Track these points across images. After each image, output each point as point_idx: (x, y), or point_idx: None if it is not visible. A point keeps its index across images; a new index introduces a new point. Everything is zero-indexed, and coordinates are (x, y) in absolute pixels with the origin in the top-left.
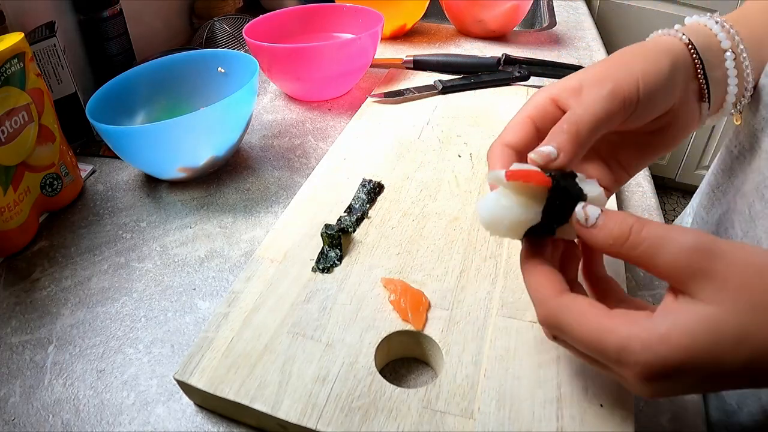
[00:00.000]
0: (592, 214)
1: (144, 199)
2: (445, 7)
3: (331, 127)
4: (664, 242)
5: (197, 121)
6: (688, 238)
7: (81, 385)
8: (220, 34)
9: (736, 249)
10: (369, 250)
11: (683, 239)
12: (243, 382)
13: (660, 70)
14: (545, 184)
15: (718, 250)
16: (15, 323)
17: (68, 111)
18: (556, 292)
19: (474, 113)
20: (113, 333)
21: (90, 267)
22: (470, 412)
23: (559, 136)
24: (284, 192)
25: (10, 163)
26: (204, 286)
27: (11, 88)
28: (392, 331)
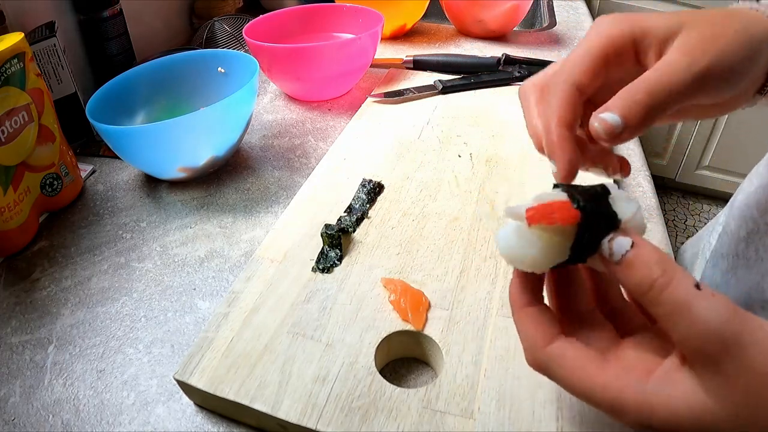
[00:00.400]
0: (618, 251)
1: (144, 199)
2: (445, 7)
3: (331, 127)
4: (682, 316)
5: (197, 121)
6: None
7: (81, 385)
8: (220, 34)
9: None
10: (369, 250)
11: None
12: (243, 382)
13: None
14: (574, 221)
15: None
16: (15, 323)
17: (68, 111)
18: (545, 341)
19: (474, 113)
20: (113, 333)
21: (90, 267)
22: (470, 412)
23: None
24: (284, 192)
25: (10, 163)
26: (204, 286)
27: (11, 88)
28: (392, 331)
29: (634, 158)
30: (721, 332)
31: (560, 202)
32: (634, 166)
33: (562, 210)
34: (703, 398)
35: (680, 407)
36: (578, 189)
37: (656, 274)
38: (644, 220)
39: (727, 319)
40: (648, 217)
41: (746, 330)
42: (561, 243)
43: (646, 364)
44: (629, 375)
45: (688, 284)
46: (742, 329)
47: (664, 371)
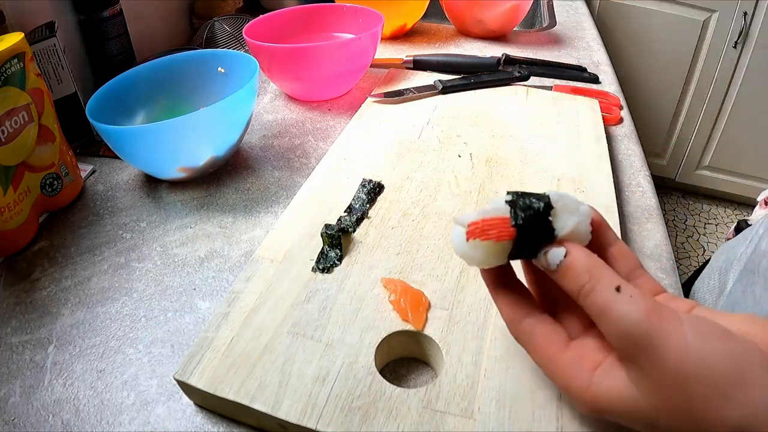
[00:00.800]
0: (553, 261)
1: (144, 199)
2: (445, 7)
3: (331, 127)
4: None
5: (197, 121)
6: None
7: (81, 385)
8: (220, 34)
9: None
10: (369, 250)
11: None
12: (243, 382)
13: None
14: (509, 238)
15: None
16: (15, 323)
17: (68, 111)
18: (519, 317)
19: (474, 113)
20: (113, 333)
21: (90, 267)
22: (470, 412)
23: None
24: (284, 192)
25: (10, 163)
26: (204, 286)
27: (11, 88)
28: (392, 331)
29: (634, 158)
30: (633, 333)
31: (500, 219)
32: (634, 166)
33: (500, 227)
34: (630, 390)
35: (614, 397)
36: (522, 205)
37: (584, 280)
38: (588, 227)
39: (638, 321)
40: (648, 217)
41: (659, 331)
42: (500, 251)
43: (598, 356)
44: (581, 364)
45: (609, 288)
46: (653, 330)
47: (608, 364)
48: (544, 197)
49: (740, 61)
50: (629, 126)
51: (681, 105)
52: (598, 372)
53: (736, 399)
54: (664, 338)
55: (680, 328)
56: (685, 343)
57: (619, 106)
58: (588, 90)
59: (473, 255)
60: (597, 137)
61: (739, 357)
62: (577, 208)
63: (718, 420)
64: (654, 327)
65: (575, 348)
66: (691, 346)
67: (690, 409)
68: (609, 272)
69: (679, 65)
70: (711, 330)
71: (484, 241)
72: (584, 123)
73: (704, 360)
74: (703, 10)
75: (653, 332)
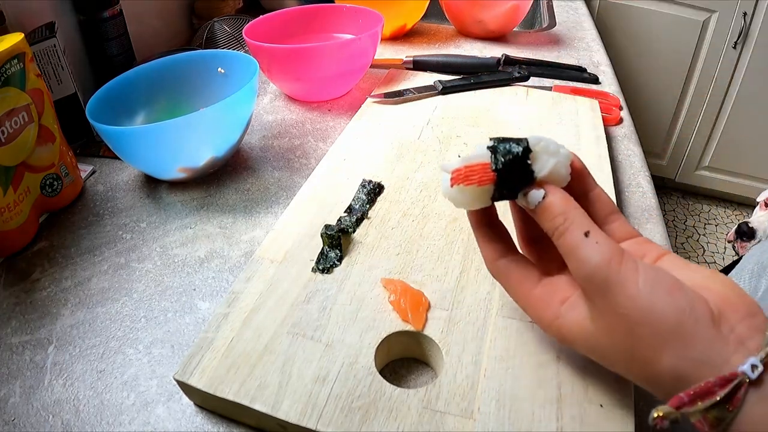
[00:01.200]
0: (532, 201)
1: (144, 199)
2: (445, 7)
3: (331, 127)
4: (571, 257)
5: (197, 122)
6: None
7: (81, 385)
8: (220, 34)
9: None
10: (369, 250)
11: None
12: (243, 382)
13: None
14: (490, 182)
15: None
16: (15, 323)
17: (68, 111)
18: (495, 256)
19: (474, 113)
20: (113, 333)
21: (90, 267)
22: (470, 412)
23: None
24: (284, 192)
25: (10, 164)
26: (204, 287)
27: (11, 88)
28: (392, 332)
29: (634, 159)
30: (593, 276)
31: (481, 165)
32: (634, 166)
33: (480, 172)
34: (588, 322)
35: (575, 329)
36: (502, 149)
37: (559, 222)
38: (566, 168)
39: (597, 266)
40: (648, 218)
41: (616, 277)
42: (483, 194)
43: (567, 291)
44: (552, 297)
45: (579, 232)
46: (610, 276)
47: (575, 298)
48: (522, 141)
49: (740, 61)
50: (629, 126)
51: (681, 105)
52: (566, 305)
53: (672, 348)
54: (619, 284)
55: (635, 277)
56: (637, 291)
57: (618, 106)
58: (588, 90)
59: (458, 198)
60: (597, 138)
61: (683, 311)
62: (558, 150)
63: (655, 364)
64: (612, 272)
65: (547, 284)
66: (641, 295)
67: (633, 349)
68: (581, 217)
69: (678, 65)
70: (663, 282)
71: (468, 186)
72: (584, 123)
73: (650, 309)
74: (703, 11)
75: (610, 277)
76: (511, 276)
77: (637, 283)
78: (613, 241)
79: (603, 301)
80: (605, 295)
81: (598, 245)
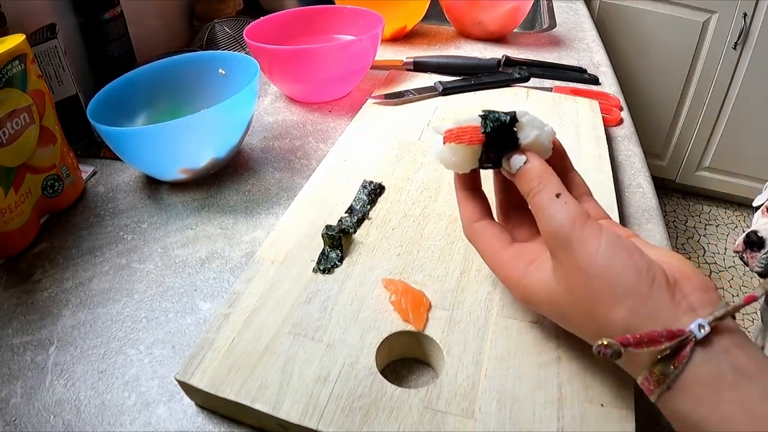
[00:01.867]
0: (514, 165)
1: (145, 200)
2: (445, 8)
3: (332, 128)
4: (540, 216)
5: (198, 123)
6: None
7: (82, 385)
8: (220, 36)
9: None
10: (370, 250)
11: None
12: (244, 382)
13: None
14: (479, 143)
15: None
16: (16, 324)
17: (69, 113)
18: (472, 219)
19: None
20: (114, 334)
21: (91, 268)
22: (471, 412)
23: None
24: (285, 193)
25: (12, 165)
26: (205, 287)
27: (12, 89)
28: (393, 332)
29: (635, 159)
30: (557, 232)
31: (472, 127)
32: (635, 167)
33: (471, 133)
34: (552, 280)
35: (539, 286)
36: (491, 117)
37: (534, 185)
38: (549, 141)
39: (563, 224)
40: (648, 218)
41: (579, 235)
42: (472, 155)
43: (535, 254)
44: (519, 259)
45: (551, 193)
46: (574, 233)
47: (541, 260)
48: (510, 113)
49: (740, 62)
50: (629, 127)
51: (681, 106)
52: (533, 266)
53: (626, 303)
54: (581, 241)
55: (597, 237)
56: (597, 249)
57: (619, 107)
58: (588, 91)
59: (449, 158)
60: (597, 138)
61: (639, 271)
62: (542, 126)
63: (609, 317)
64: (576, 230)
65: (518, 247)
66: (601, 252)
67: (589, 303)
68: (556, 181)
69: (679, 66)
70: (624, 245)
71: (458, 145)
72: (584, 124)
73: (608, 266)
74: (703, 11)
75: (574, 234)
76: (485, 237)
77: (599, 242)
78: (580, 205)
79: (566, 256)
80: (568, 252)
81: (566, 205)
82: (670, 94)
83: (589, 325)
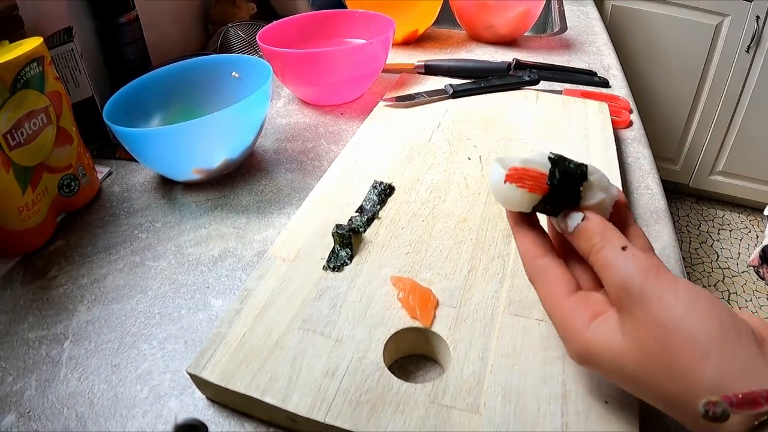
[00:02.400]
0: (570, 224)
1: (159, 200)
2: (457, 12)
3: (344, 130)
4: (606, 270)
5: (212, 124)
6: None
7: (95, 379)
8: (234, 39)
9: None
10: (379, 249)
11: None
12: (254, 376)
13: None
14: (540, 193)
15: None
16: (32, 319)
17: (85, 114)
18: (534, 255)
19: (484, 117)
20: (128, 329)
21: (106, 265)
22: (476, 407)
23: None
24: (297, 194)
25: (29, 164)
26: (217, 285)
27: (30, 91)
28: (401, 328)
29: (644, 161)
30: (627, 285)
31: (539, 173)
32: (644, 169)
33: (536, 180)
34: (618, 338)
35: (603, 344)
36: (562, 167)
37: (596, 241)
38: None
39: (634, 275)
40: (657, 219)
41: (653, 286)
42: (528, 200)
43: (599, 308)
44: (584, 310)
45: (616, 246)
46: (647, 284)
47: (606, 316)
48: (582, 167)
49: (753, 65)
50: (639, 129)
51: (694, 110)
52: (597, 320)
53: (712, 357)
54: (656, 292)
55: (673, 287)
56: (675, 300)
57: (628, 109)
58: (598, 94)
59: (505, 195)
60: (606, 140)
61: (724, 321)
62: (608, 188)
63: (694, 375)
64: (649, 281)
65: (581, 295)
66: (681, 303)
67: (668, 361)
68: (619, 235)
69: (691, 70)
70: (705, 296)
71: (519, 188)
72: (593, 126)
73: (689, 316)
74: (716, 15)
75: (647, 285)
76: (547, 276)
77: (676, 293)
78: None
79: (639, 311)
80: (640, 305)
81: (634, 257)
82: (683, 97)
83: (667, 386)
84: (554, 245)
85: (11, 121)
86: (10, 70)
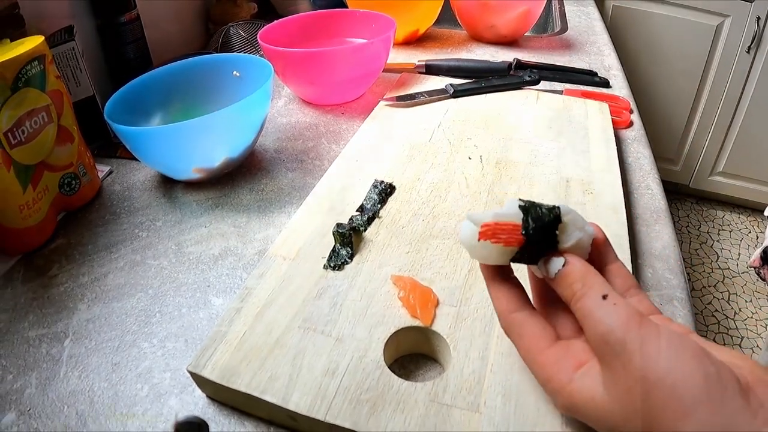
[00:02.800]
0: (552, 269)
1: (160, 198)
2: (458, 12)
3: (344, 130)
4: (587, 320)
5: (212, 123)
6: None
7: (96, 377)
8: (235, 39)
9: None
10: (379, 248)
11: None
12: (254, 374)
13: None
14: (517, 245)
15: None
16: (32, 318)
17: (86, 113)
18: (508, 310)
19: (484, 117)
20: (128, 328)
21: (106, 264)
22: (476, 405)
23: None
24: (297, 193)
25: (30, 162)
26: (218, 283)
27: (31, 89)
28: (401, 327)
29: (644, 161)
30: (608, 337)
31: (512, 226)
32: (644, 169)
33: (510, 232)
34: (601, 390)
35: (586, 396)
36: (533, 215)
37: (577, 288)
38: (589, 243)
39: (614, 327)
40: (656, 219)
41: (635, 338)
42: (505, 253)
43: (582, 357)
44: (565, 361)
45: (597, 295)
46: (628, 336)
47: (589, 366)
48: (554, 210)
49: (753, 66)
50: (639, 129)
51: (694, 110)
52: (580, 371)
53: (694, 416)
54: (638, 345)
55: (656, 339)
56: (657, 354)
57: (629, 109)
58: (598, 94)
59: (479, 252)
60: (606, 140)
61: (710, 376)
62: (584, 226)
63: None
64: (630, 333)
65: (562, 346)
66: (662, 357)
67: (650, 417)
68: (600, 282)
69: (692, 70)
70: (688, 347)
71: (494, 244)
72: (594, 126)
73: (672, 372)
74: (716, 15)
75: (628, 338)
76: (525, 331)
77: (658, 345)
78: (632, 305)
79: (619, 363)
80: (622, 359)
81: (615, 306)
82: (683, 98)
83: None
84: (535, 291)
85: (12, 120)
86: (11, 69)
